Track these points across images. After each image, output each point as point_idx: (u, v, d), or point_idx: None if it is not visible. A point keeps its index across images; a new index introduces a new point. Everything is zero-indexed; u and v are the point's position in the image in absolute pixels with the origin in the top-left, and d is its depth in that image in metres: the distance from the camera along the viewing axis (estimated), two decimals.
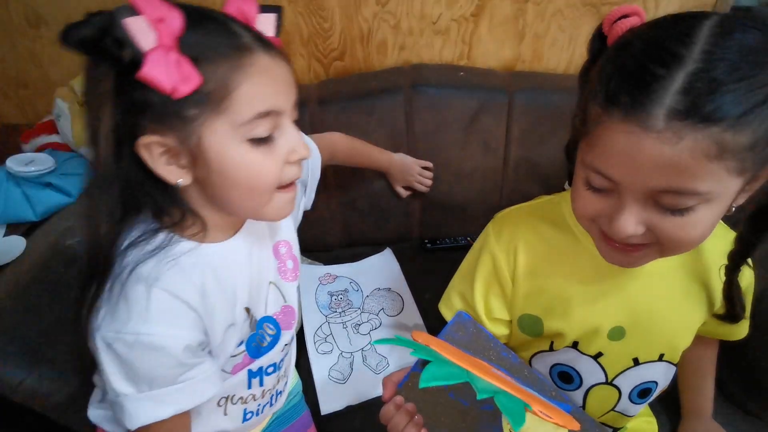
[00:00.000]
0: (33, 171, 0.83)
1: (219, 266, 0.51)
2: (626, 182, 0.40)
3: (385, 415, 0.50)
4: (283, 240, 0.64)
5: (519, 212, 0.61)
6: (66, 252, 0.73)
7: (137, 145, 0.42)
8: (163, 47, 0.38)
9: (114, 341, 0.44)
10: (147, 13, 0.38)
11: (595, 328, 0.55)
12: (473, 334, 0.51)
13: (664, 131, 0.36)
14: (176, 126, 0.42)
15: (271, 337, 0.59)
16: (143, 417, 0.46)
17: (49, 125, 0.97)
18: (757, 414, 0.75)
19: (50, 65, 1.05)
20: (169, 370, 0.47)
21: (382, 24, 1.03)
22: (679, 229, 0.40)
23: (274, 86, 0.45)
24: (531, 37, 1.07)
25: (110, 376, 0.45)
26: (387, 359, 0.85)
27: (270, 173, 0.46)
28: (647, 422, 0.71)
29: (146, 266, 0.46)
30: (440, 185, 1.05)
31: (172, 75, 0.39)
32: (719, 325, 0.59)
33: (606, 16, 0.45)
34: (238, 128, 0.43)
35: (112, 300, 0.45)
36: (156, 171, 0.43)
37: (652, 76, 0.36)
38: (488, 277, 0.59)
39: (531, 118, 1.01)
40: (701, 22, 0.38)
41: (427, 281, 0.97)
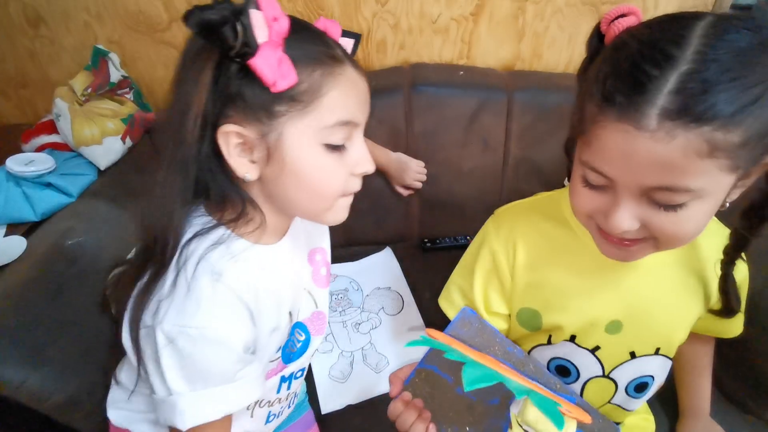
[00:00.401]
0: (33, 171, 0.83)
1: (270, 268, 0.52)
2: (621, 179, 0.41)
3: (393, 412, 0.51)
4: (319, 247, 0.65)
5: (518, 208, 0.62)
6: (67, 252, 0.73)
7: (218, 132, 0.44)
8: (272, 43, 0.41)
9: (178, 335, 0.44)
10: (265, 11, 0.41)
11: (593, 321, 0.56)
12: (478, 329, 0.52)
13: (657, 131, 0.37)
14: (262, 119, 0.44)
15: (301, 342, 0.60)
16: (198, 416, 0.46)
17: (48, 125, 0.97)
18: (756, 413, 0.76)
19: (49, 65, 1.05)
20: (228, 366, 0.47)
21: (381, 23, 1.03)
22: (672, 225, 0.41)
23: (357, 99, 0.48)
24: (530, 36, 1.07)
25: (166, 372, 0.45)
26: (387, 358, 0.86)
27: (338, 180, 0.48)
28: (645, 419, 0.71)
29: (210, 260, 0.46)
30: (440, 184, 1.05)
31: (275, 70, 0.41)
32: (715, 322, 0.60)
33: (604, 16, 0.45)
34: (319, 131, 0.45)
35: (177, 294, 0.45)
36: (228, 160, 0.45)
37: (646, 77, 0.37)
38: (488, 272, 0.60)
39: (530, 117, 1.01)
40: (695, 23, 0.38)
41: (427, 280, 0.97)
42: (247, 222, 0.49)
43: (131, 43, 1.03)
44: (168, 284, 0.46)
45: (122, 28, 1.01)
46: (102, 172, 0.91)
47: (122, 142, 0.93)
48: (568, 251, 0.56)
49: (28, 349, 0.61)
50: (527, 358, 0.52)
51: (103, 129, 0.90)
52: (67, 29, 1.00)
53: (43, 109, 1.08)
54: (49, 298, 0.67)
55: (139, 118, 0.97)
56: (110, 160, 0.92)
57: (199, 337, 0.44)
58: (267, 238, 0.52)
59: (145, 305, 0.46)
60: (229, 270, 0.47)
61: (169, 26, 1.01)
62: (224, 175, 0.46)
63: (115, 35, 1.01)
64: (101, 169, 0.91)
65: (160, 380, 0.46)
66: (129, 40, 1.02)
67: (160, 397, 0.46)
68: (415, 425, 0.49)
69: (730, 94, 0.35)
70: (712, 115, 0.35)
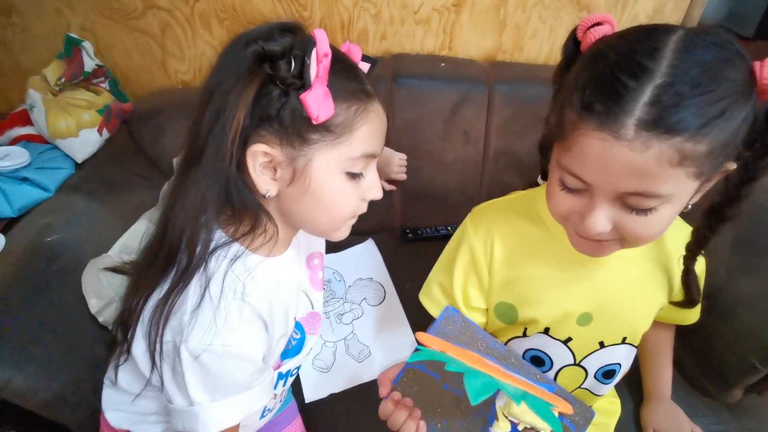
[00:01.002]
0: (8, 165, 0.81)
1: (281, 280, 0.54)
2: (598, 184, 0.43)
3: (384, 412, 0.53)
4: (317, 252, 0.68)
5: (495, 206, 0.64)
6: (46, 249, 0.73)
7: (248, 149, 0.46)
8: (321, 79, 0.44)
9: (202, 353, 0.46)
10: (320, 48, 0.43)
11: (565, 314, 0.59)
12: (462, 327, 0.54)
13: (634, 140, 0.39)
14: (294, 143, 0.46)
15: (296, 341, 0.62)
16: (220, 423, 0.49)
17: (22, 115, 0.94)
18: (715, 396, 0.81)
19: (21, 53, 1.02)
20: (248, 377, 0.50)
21: (362, 13, 1.02)
22: (641, 227, 0.44)
23: (380, 133, 0.51)
24: (512, 27, 1.07)
25: (189, 386, 0.47)
26: (369, 348, 0.88)
27: (352, 204, 0.52)
28: (611, 402, 0.76)
29: (232, 278, 0.48)
30: (421, 176, 1.06)
31: (320, 104, 0.44)
32: (675, 311, 0.64)
33: (580, 23, 0.46)
34: (345, 161, 0.48)
35: (202, 313, 0.46)
36: (253, 177, 0.47)
37: (623, 87, 0.39)
38: (466, 268, 0.62)
39: (511, 109, 1.02)
40: (668, 36, 0.40)
41: (409, 271, 0.99)
42: (260, 235, 0.50)
43: (105, 31, 1.00)
44: (192, 301, 0.47)
45: (95, 15, 0.98)
46: (79, 166, 0.90)
47: (99, 134, 0.92)
48: (543, 248, 0.58)
49: (12, 348, 0.62)
50: (509, 353, 0.55)
51: (78, 121, 0.89)
52: (38, 17, 0.97)
53: (15, 99, 1.05)
54: (31, 297, 0.67)
55: (116, 109, 0.96)
56: (87, 153, 0.91)
57: (224, 354, 0.46)
58: (277, 249, 0.55)
59: (166, 321, 0.47)
60: (249, 287, 0.49)
61: (143, 13, 0.98)
62: (245, 188, 0.48)
63: (88, 23, 0.98)
64: (78, 162, 0.90)
65: (181, 392, 0.48)
66: (102, 28, 0.99)
67: (179, 406, 0.48)
68: (407, 424, 0.51)
69: (699, 107, 0.38)
70: (683, 126, 0.38)
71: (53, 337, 0.66)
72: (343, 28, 1.04)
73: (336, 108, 0.45)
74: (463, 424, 0.50)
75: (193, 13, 1.00)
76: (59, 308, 0.69)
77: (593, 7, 1.05)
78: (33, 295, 0.67)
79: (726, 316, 0.75)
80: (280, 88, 0.44)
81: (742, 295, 0.75)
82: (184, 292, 0.47)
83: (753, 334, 0.72)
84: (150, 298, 0.50)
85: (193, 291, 0.47)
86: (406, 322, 0.92)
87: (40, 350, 0.64)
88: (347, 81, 0.47)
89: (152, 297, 0.49)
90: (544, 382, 0.54)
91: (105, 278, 0.71)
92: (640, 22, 1.06)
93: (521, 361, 0.54)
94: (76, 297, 0.71)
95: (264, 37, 0.42)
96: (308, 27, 1.05)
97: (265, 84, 0.44)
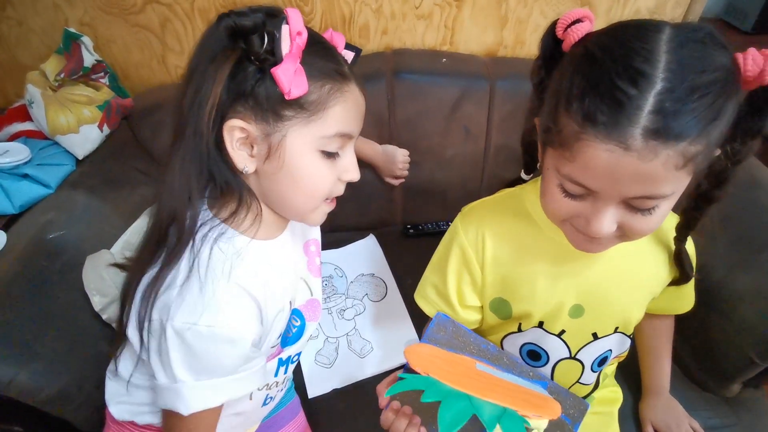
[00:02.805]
0: (8, 162, 0.81)
1: (274, 263, 0.55)
2: (604, 191, 0.43)
3: (385, 421, 0.54)
4: (313, 239, 0.69)
5: (484, 206, 0.64)
6: (49, 246, 0.73)
7: (224, 125, 0.47)
8: (293, 56, 0.45)
9: (186, 331, 0.46)
10: (292, 26, 0.44)
11: (557, 307, 0.60)
12: (453, 332, 0.55)
13: (642, 149, 0.39)
14: (269, 120, 0.47)
15: (296, 328, 0.63)
16: (200, 404, 0.49)
17: (21, 111, 0.94)
18: (713, 390, 0.82)
19: (18, 47, 1.01)
20: (234, 361, 0.50)
21: (364, 8, 1.02)
22: (644, 224, 0.46)
23: (357, 114, 0.52)
24: (513, 22, 1.07)
25: (173, 363, 0.48)
26: (371, 343, 0.89)
27: (327, 184, 0.52)
28: (612, 391, 0.77)
29: (218, 258, 0.49)
30: (422, 171, 1.06)
31: (291, 79, 0.45)
32: (669, 301, 0.66)
33: (559, 20, 0.47)
34: (318, 139, 0.49)
35: (188, 291, 0.47)
36: (229, 153, 0.48)
37: (625, 96, 0.39)
38: (459, 268, 0.62)
39: (511, 105, 1.02)
40: (658, 36, 0.40)
41: (410, 266, 0.98)
42: (245, 215, 0.51)
43: (104, 26, 0.99)
44: (180, 278, 0.48)
45: (94, 10, 0.97)
46: (79, 162, 0.90)
47: (99, 130, 0.91)
48: (533, 245, 0.59)
49: (16, 345, 0.62)
50: (501, 352, 0.56)
51: (79, 117, 0.88)
52: (35, 11, 0.96)
53: (13, 94, 1.04)
54: (34, 294, 0.67)
55: (116, 105, 0.95)
56: (88, 149, 0.90)
57: (209, 334, 0.47)
58: (265, 232, 0.55)
59: (155, 298, 0.48)
60: (237, 267, 0.49)
61: (143, 8, 0.98)
62: (225, 165, 0.49)
63: (87, 17, 0.97)
64: (79, 159, 0.90)
65: (165, 369, 0.49)
66: (101, 23, 0.98)
67: (162, 383, 0.49)
68: (408, 430, 0.52)
69: (699, 111, 0.38)
70: (687, 132, 0.39)
71: (57, 335, 0.67)
72: (345, 23, 1.04)
73: (310, 86, 0.46)
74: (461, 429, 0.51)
75: (193, 8, 0.99)
76: (62, 305, 0.69)
77: (595, 2, 1.05)
78: (36, 293, 0.67)
79: (725, 311, 0.76)
80: (255, 64, 0.45)
81: (741, 291, 0.75)
82: (175, 269, 0.48)
83: (751, 330, 0.73)
84: (143, 278, 0.50)
85: (183, 268, 0.48)
86: (408, 318, 0.93)
87: (44, 347, 0.64)
88: (322, 61, 0.48)
89: (145, 277, 0.50)
90: (538, 379, 0.55)
91: (108, 275, 0.71)
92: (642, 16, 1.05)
93: (514, 360, 0.55)
94: (79, 294, 0.71)
95: (237, 14, 0.43)
96: (309, 22, 1.06)
97: (241, 60, 0.45)
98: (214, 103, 0.45)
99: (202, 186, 0.49)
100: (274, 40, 0.44)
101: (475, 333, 0.56)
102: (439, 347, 0.54)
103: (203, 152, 0.47)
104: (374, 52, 1.08)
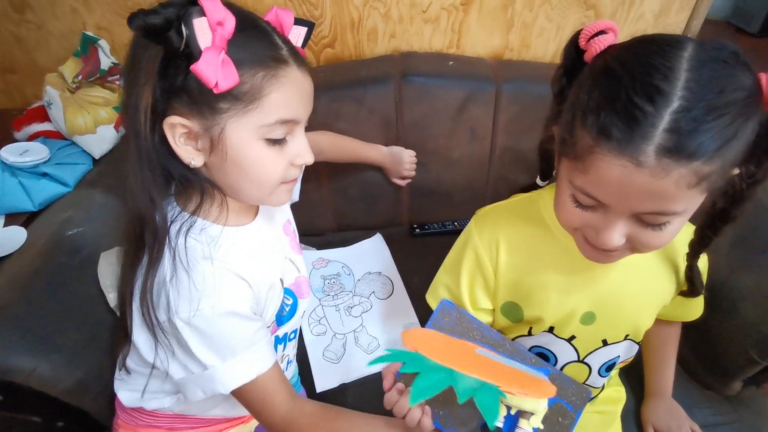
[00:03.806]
0: (28, 161, 0.84)
1: (253, 246, 0.56)
2: (615, 205, 0.44)
3: (389, 401, 0.54)
4: (288, 218, 0.70)
5: (499, 210, 0.65)
6: (67, 242, 0.75)
7: (164, 122, 0.47)
8: (215, 48, 0.43)
9: (192, 318, 0.49)
10: (210, 16, 0.42)
11: (569, 314, 0.60)
12: (457, 318, 0.56)
13: (655, 167, 0.39)
14: (205, 114, 0.47)
15: (289, 306, 0.65)
16: (236, 380, 0.52)
17: (39, 112, 0.97)
18: (715, 389, 0.83)
19: (37, 50, 1.04)
20: (246, 331, 0.52)
21: (372, 12, 1.04)
22: (655, 239, 0.46)
23: (299, 98, 0.50)
24: (519, 26, 1.09)
25: (194, 350, 0.50)
26: (378, 340, 0.91)
27: (277, 171, 0.52)
28: (616, 391, 0.78)
29: (196, 247, 0.50)
30: (428, 172, 1.08)
31: (217, 72, 0.43)
32: (678, 308, 0.66)
33: (582, 31, 0.47)
34: (260, 128, 0.48)
35: (180, 284, 0.49)
36: (174, 149, 0.48)
37: (641, 113, 0.39)
38: (472, 271, 0.63)
39: (517, 107, 1.03)
40: (680, 53, 0.40)
41: (416, 265, 1.01)
42: (211, 205, 0.53)
43: (120, 30, 1.02)
44: (168, 274, 0.49)
45: (111, 15, 1.00)
46: (97, 161, 0.93)
47: (115, 130, 0.94)
48: (547, 251, 0.60)
49: (37, 337, 0.64)
50: (504, 339, 0.57)
51: (96, 117, 0.91)
52: (54, 15, 0.99)
53: (31, 95, 1.07)
54: (54, 288, 0.69)
55: None
56: (104, 149, 0.93)
57: (213, 314, 0.49)
58: (236, 219, 0.56)
59: (152, 300, 0.50)
60: (216, 251, 0.51)
61: None
62: (177, 161, 0.49)
63: (104, 21, 1.00)
64: (96, 158, 0.93)
65: (192, 360, 0.51)
66: (118, 27, 1.01)
67: (197, 372, 0.52)
68: (413, 409, 0.53)
69: (716, 131, 0.39)
70: (702, 152, 0.39)
71: (75, 327, 0.69)
72: (353, 26, 1.06)
73: (241, 76, 0.45)
74: (463, 412, 0.53)
75: None
76: (80, 299, 0.72)
77: (600, 6, 1.06)
78: (55, 287, 0.70)
79: (727, 311, 0.77)
80: (181, 58, 0.44)
81: (743, 290, 0.76)
82: (159, 267, 0.50)
83: (753, 329, 0.74)
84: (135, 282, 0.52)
85: (167, 264, 0.49)
86: (414, 316, 0.94)
87: (64, 340, 0.66)
88: (254, 47, 0.47)
89: (136, 281, 0.52)
90: (540, 366, 0.56)
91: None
92: (647, 21, 1.08)
93: (517, 348, 0.57)
94: (96, 288, 0.74)
95: (147, 12, 0.42)
96: (319, 26, 1.08)
97: (168, 56, 0.44)
98: (148, 102, 0.45)
99: (160, 185, 0.49)
100: (189, 36, 0.42)
101: (480, 320, 0.57)
102: (442, 333, 0.55)
103: (150, 152, 0.47)
104: (382, 55, 1.10)
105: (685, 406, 0.76)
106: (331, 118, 0.98)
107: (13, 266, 0.72)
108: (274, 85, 0.47)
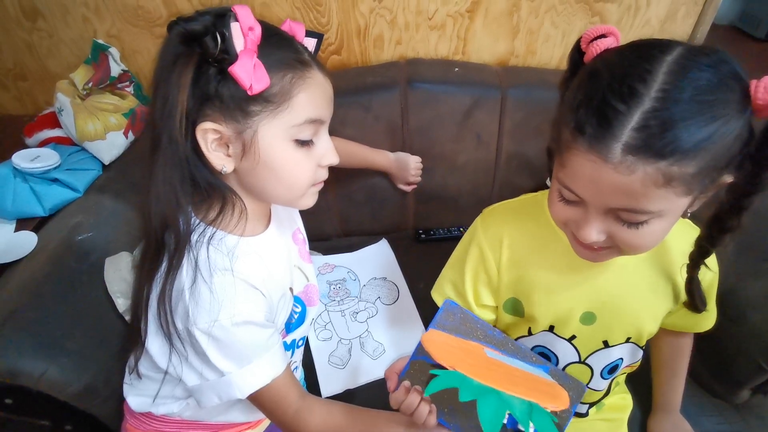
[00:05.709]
0: (39, 167, 0.85)
1: (266, 255, 0.57)
2: (590, 200, 0.46)
3: (396, 400, 0.55)
4: (298, 227, 0.72)
5: (505, 208, 0.66)
6: (77, 247, 0.76)
7: (197, 129, 0.48)
8: (248, 51, 0.46)
9: (211, 329, 0.50)
10: (242, 22, 0.45)
11: (568, 312, 0.61)
12: (461, 318, 0.57)
13: (620, 164, 0.41)
14: (237, 118, 0.49)
15: (298, 314, 0.66)
16: (254, 384, 0.53)
17: (50, 118, 0.98)
18: (723, 397, 0.82)
19: (48, 57, 1.06)
20: (260, 337, 0.54)
21: (378, 19, 1.05)
22: (634, 238, 0.47)
23: (323, 99, 0.53)
24: (525, 32, 1.09)
25: (212, 358, 0.51)
26: (383, 345, 0.91)
27: (307, 172, 0.54)
28: (622, 398, 0.78)
29: (217, 258, 0.51)
30: (434, 178, 1.08)
31: (251, 75, 0.46)
32: (687, 319, 0.65)
33: (584, 34, 0.48)
34: (289, 129, 0.51)
35: (200, 296, 0.50)
36: (206, 155, 0.50)
37: (613, 111, 0.40)
38: (476, 267, 0.64)
39: (522, 113, 1.04)
40: (663, 57, 0.41)
41: (421, 270, 1.01)
42: (231, 214, 0.54)
43: (130, 38, 1.03)
44: (186, 283, 0.50)
45: (121, 23, 1.01)
46: (106, 167, 0.94)
47: (125, 136, 0.95)
48: (549, 250, 0.61)
49: (47, 341, 0.65)
50: (506, 338, 0.58)
51: (106, 124, 0.92)
52: (66, 23, 1.01)
53: (43, 101, 1.09)
54: (64, 293, 0.70)
55: (140, 113, 0.99)
56: (114, 155, 0.94)
57: (231, 325, 0.50)
58: (252, 228, 0.58)
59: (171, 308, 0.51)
60: (235, 263, 0.52)
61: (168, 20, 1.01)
62: (205, 167, 0.51)
63: (114, 29, 1.02)
64: (105, 164, 0.94)
65: (209, 367, 0.52)
66: (128, 35, 1.03)
67: (212, 379, 0.53)
68: (421, 406, 0.54)
69: (688, 132, 0.39)
70: (669, 151, 0.39)
71: (85, 332, 0.70)
72: (360, 33, 1.07)
73: (271, 78, 0.47)
74: (467, 410, 0.53)
75: None
76: (90, 304, 0.72)
77: (606, 13, 1.06)
78: (65, 291, 0.71)
79: (735, 318, 0.76)
80: (214, 66, 0.46)
81: (751, 298, 0.76)
82: (179, 275, 0.50)
83: (761, 337, 0.73)
84: (152, 289, 0.53)
85: (186, 272, 0.50)
86: (419, 321, 0.95)
87: (73, 344, 0.67)
88: (280, 52, 0.49)
89: (153, 288, 0.52)
90: (539, 363, 0.57)
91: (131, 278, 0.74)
92: (653, 27, 1.08)
93: (519, 347, 0.57)
94: (106, 293, 0.74)
95: (186, 20, 0.45)
96: (326, 33, 1.09)
97: (200, 64, 0.46)
98: (183, 109, 0.46)
99: (187, 190, 0.50)
100: (225, 38, 0.45)
101: (483, 320, 0.58)
102: (447, 333, 0.56)
103: (182, 158, 0.48)
104: (388, 61, 1.11)
105: (693, 414, 0.76)
106: (337, 124, 0.98)
107: (23, 271, 0.73)
108: (302, 86, 0.50)
